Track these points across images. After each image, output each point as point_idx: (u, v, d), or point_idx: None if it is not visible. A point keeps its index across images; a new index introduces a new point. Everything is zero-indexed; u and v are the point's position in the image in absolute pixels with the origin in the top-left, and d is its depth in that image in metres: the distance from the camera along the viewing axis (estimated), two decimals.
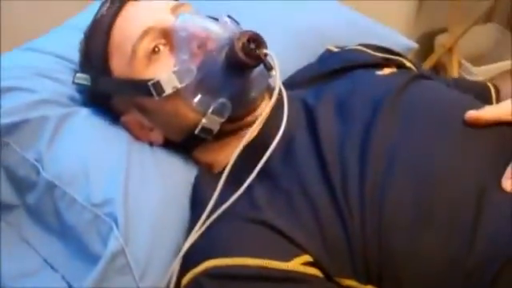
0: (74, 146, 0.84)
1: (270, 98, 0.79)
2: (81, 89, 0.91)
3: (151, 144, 0.88)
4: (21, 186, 0.85)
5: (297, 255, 0.70)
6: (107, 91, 0.87)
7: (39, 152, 0.83)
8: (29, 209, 0.85)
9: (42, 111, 0.86)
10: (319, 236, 0.71)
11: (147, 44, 0.82)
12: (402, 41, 1.19)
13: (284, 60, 1.02)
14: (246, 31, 0.77)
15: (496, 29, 2.22)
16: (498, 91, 1.02)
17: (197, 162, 0.90)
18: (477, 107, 0.79)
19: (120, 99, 0.87)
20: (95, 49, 0.86)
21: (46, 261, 0.83)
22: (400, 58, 1.01)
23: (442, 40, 2.06)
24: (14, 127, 0.83)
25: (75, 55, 0.92)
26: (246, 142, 0.78)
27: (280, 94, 0.78)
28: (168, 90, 0.80)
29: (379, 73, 0.92)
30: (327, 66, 0.99)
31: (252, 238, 0.72)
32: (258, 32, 0.77)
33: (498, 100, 1.01)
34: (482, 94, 1.01)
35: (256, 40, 0.76)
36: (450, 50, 2.01)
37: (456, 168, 0.73)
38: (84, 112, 0.89)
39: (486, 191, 0.70)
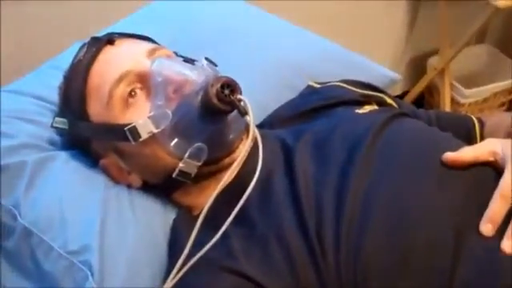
0: (51, 191, 0.84)
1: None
2: (60, 132, 0.91)
3: (130, 187, 0.88)
4: (0, 230, 0.84)
5: None
6: (85, 136, 0.87)
7: (17, 198, 0.83)
8: (7, 253, 0.85)
9: (20, 156, 0.87)
10: (294, 285, 0.71)
11: (124, 88, 0.82)
12: (385, 73, 1.18)
13: (264, 95, 1.03)
14: (221, 77, 0.77)
15: (488, 50, 2.21)
16: (482, 125, 1.02)
17: (176, 205, 0.89)
18: (456, 147, 0.78)
19: (98, 143, 0.87)
20: (73, 93, 0.86)
21: None
22: (380, 95, 1.01)
23: (433, 62, 2.05)
24: None
25: (55, 96, 0.92)
26: (223, 186, 0.77)
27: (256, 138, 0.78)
28: (144, 135, 0.80)
29: (359, 111, 0.92)
30: (308, 104, 0.98)
31: None
32: (232, 77, 0.77)
33: (482, 134, 1.00)
34: (465, 128, 1.01)
35: (230, 85, 0.76)
36: (441, 72, 2.01)
37: (432, 211, 0.72)
38: (62, 156, 0.89)
39: (463, 235, 0.70)
